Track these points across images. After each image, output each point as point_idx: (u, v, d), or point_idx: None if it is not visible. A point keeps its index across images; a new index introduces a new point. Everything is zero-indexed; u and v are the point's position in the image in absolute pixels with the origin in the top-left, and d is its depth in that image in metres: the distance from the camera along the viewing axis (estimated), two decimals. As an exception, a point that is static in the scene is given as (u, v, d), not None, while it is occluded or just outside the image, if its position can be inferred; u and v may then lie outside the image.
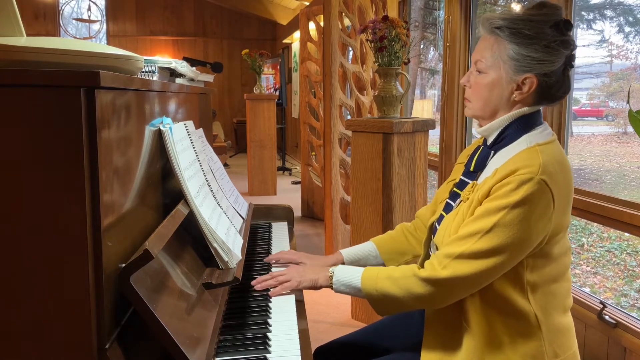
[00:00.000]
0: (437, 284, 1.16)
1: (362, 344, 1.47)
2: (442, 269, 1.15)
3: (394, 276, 1.21)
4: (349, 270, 1.30)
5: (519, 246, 1.12)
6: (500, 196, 1.12)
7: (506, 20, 1.18)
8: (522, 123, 1.21)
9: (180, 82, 1.59)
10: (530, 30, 1.16)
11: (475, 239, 1.13)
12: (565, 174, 1.16)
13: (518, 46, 1.17)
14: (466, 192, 1.25)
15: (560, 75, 1.19)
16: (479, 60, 1.22)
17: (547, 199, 1.11)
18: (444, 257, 1.16)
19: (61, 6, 10.51)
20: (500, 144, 1.23)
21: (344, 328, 2.79)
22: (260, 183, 6.26)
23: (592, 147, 7.83)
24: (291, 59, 9.54)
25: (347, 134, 3.83)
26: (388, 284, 1.21)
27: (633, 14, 6.24)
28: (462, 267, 1.13)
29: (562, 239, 1.19)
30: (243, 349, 1.09)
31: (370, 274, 1.25)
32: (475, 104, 1.25)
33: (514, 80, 1.19)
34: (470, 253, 1.13)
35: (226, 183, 1.68)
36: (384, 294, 1.22)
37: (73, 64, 0.81)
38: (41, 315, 0.79)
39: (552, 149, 1.17)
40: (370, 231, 2.68)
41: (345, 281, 1.28)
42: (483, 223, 1.13)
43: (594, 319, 2.09)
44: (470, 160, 1.32)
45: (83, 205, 0.78)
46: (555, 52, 1.16)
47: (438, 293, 1.17)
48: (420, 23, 8.25)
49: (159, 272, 0.99)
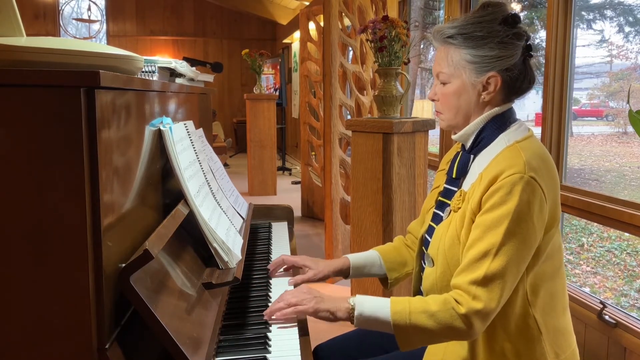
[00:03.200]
0: (476, 317, 1.10)
1: (362, 343, 1.46)
2: (474, 300, 1.10)
3: (431, 310, 1.13)
4: (373, 302, 1.18)
5: (530, 249, 1.12)
6: (497, 205, 1.11)
7: (456, 27, 1.21)
8: (497, 123, 1.22)
9: (180, 82, 1.59)
10: (481, 31, 1.18)
11: (491, 257, 1.10)
12: (548, 166, 1.16)
13: (473, 49, 1.19)
14: (455, 201, 1.23)
15: (521, 67, 1.20)
16: (440, 72, 1.24)
17: (539, 195, 1.12)
18: (469, 285, 1.11)
19: (61, 6, 10.51)
20: (479, 147, 1.23)
21: (343, 327, 2.78)
22: (260, 183, 6.26)
23: (592, 147, 7.83)
24: (291, 59, 9.54)
25: (347, 134, 3.82)
26: (424, 319, 1.13)
27: (633, 14, 6.24)
28: (492, 292, 1.09)
29: (555, 234, 1.20)
30: (243, 349, 1.09)
31: (402, 308, 1.15)
32: (447, 114, 1.26)
33: (478, 82, 1.20)
34: (493, 274, 1.09)
35: (226, 183, 1.68)
36: (418, 328, 1.13)
37: (73, 64, 0.81)
38: (41, 315, 0.79)
39: (531, 144, 1.18)
40: (370, 231, 2.68)
41: (370, 315, 1.16)
42: (492, 238, 1.10)
43: (594, 319, 2.09)
44: (451, 167, 1.31)
45: (83, 205, 0.78)
46: (510, 45, 1.18)
47: (477, 325, 1.11)
48: (420, 23, 8.25)
49: (159, 272, 0.99)
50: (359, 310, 1.17)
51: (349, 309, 1.18)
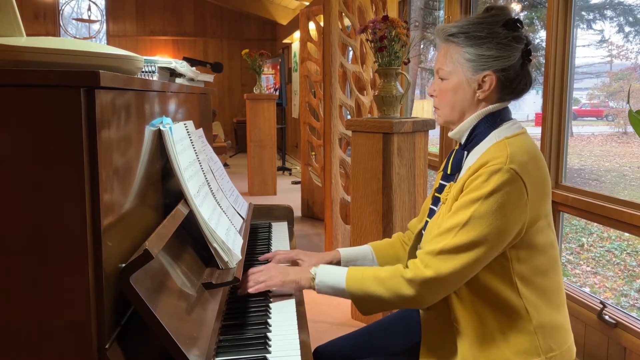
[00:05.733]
0: (423, 284, 1.17)
1: (362, 344, 1.47)
2: (425, 268, 1.17)
3: (380, 276, 1.22)
4: (332, 271, 1.29)
5: (497, 236, 1.14)
6: (472, 189, 1.16)
7: (458, 26, 1.26)
8: (490, 120, 1.26)
9: (180, 82, 1.59)
10: (481, 31, 1.23)
11: (453, 234, 1.15)
12: (536, 162, 1.19)
13: (472, 48, 1.23)
14: (444, 193, 1.28)
15: (519, 70, 1.24)
16: (440, 68, 1.29)
17: (519, 187, 1.14)
18: (425, 255, 1.18)
19: (61, 6, 10.51)
20: (472, 143, 1.27)
21: (343, 328, 2.79)
22: (260, 183, 6.25)
23: (592, 147, 7.83)
24: (291, 59, 9.54)
25: (347, 134, 3.83)
26: (374, 285, 1.21)
27: (633, 14, 6.24)
28: (445, 263, 1.15)
29: (544, 230, 1.21)
30: (243, 349, 1.09)
31: (355, 275, 1.25)
32: (444, 110, 1.31)
33: (474, 80, 1.24)
34: (450, 248, 1.15)
35: (226, 183, 1.68)
36: (370, 294, 1.22)
37: (73, 64, 0.81)
38: (41, 315, 0.79)
39: (520, 140, 1.21)
40: (370, 231, 2.68)
41: (328, 282, 1.27)
42: (459, 217, 1.16)
43: (594, 319, 2.09)
44: (446, 164, 1.35)
45: (83, 205, 0.78)
46: (508, 47, 1.22)
47: (424, 293, 1.18)
48: (420, 23, 8.25)
49: (159, 272, 0.99)
50: (319, 278, 1.28)
51: (310, 277, 1.29)
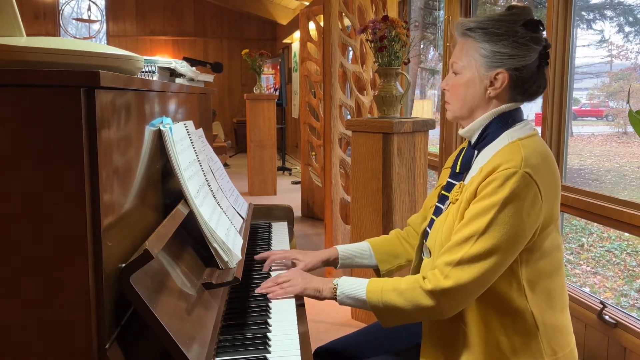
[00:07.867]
0: (443, 295, 1.15)
1: (362, 344, 1.47)
2: (444, 279, 1.14)
3: (400, 288, 1.20)
4: (353, 282, 1.27)
5: (515, 242, 1.13)
6: (488, 195, 1.14)
7: (477, 22, 1.24)
8: (502, 120, 1.24)
9: (180, 82, 1.59)
10: (499, 29, 1.21)
11: (472, 243, 1.13)
12: (548, 165, 1.18)
13: (488, 44, 1.22)
14: (454, 193, 1.26)
15: (534, 71, 1.23)
16: (455, 62, 1.28)
17: (533, 191, 1.13)
18: (444, 266, 1.16)
19: (61, 6, 10.51)
20: (483, 143, 1.26)
21: (344, 328, 2.79)
22: (260, 183, 6.25)
23: (592, 147, 7.83)
24: (291, 59, 9.54)
25: (347, 134, 3.82)
26: (394, 296, 1.20)
27: (633, 14, 6.24)
28: (464, 273, 1.13)
29: (552, 232, 1.20)
30: (243, 349, 1.09)
31: (375, 286, 1.23)
32: (454, 105, 1.29)
33: (487, 76, 1.23)
34: (469, 257, 1.13)
35: (226, 183, 1.68)
36: (390, 306, 1.20)
37: (73, 64, 0.81)
38: (41, 315, 0.79)
39: (533, 142, 1.20)
40: (370, 231, 2.68)
41: (349, 293, 1.26)
42: (476, 225, 1.14)
43: (594, 319, 2.09)
44: (455, 162, 1.33)
45: (83, 205, 0.78)
46: (525, 47, 1.20)
47: (444, 303, 1.16)
48: (420, 23, 8.25)
49: (159, 272, 0.99)
50: (341, 289, 1.27)
51: (332, 288, 1.28)
